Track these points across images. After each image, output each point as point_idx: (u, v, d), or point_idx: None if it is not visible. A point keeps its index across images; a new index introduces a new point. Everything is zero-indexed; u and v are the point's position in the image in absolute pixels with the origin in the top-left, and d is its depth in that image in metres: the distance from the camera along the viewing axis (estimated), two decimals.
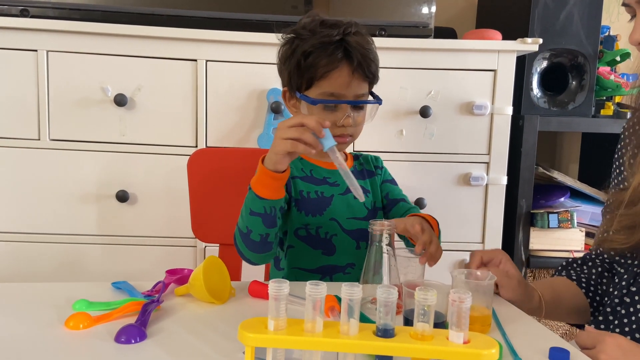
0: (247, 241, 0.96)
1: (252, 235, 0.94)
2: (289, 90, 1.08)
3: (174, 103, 1.55)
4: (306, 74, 1.03)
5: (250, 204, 0.93)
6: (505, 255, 0.97)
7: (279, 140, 0.88)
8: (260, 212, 0.92)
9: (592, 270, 1.06)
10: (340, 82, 1.02)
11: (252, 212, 0.93)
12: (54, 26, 1.47)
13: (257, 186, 0.92)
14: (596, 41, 1.74)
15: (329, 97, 1.03)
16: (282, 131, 0.88)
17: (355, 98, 1.04)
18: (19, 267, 1.55)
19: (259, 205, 0.92)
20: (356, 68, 1.02)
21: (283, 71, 1.08)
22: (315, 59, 1.01)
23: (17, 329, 0.75)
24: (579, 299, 1.03)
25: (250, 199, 0.93)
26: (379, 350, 0.57)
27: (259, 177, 0.92)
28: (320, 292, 0.58)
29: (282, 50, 1.08)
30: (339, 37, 1.01)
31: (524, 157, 1.70)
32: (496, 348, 0.56)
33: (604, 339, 0.77)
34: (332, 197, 1.10)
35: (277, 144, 0.88)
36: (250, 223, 0.94)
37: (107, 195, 1.55)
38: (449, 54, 1.59)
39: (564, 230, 1.75)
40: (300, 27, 1.05)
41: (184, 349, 0.70)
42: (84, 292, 0.87)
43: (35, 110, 1.51)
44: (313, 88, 1.04)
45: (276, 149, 0.88)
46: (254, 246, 0.96)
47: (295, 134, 0.86)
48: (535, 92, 1.76)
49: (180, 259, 1.57)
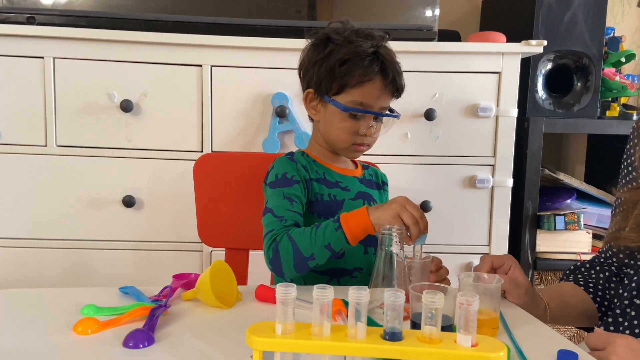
0: (301, 263, 0.96)
1: (311, 262, 0.96)
2: (315, 93, 1.09)
3: (180, 108, 1.55)
4: (339, 80, 1.04)
5: (332, 238, 0.94)
6: (515, 261, 0.97)
7: (395, 213, 0.91)
8: (337, 250, 0.94)
9: (599, 275, 1.05)
10: (372, 94, 1.05)
11: (330, 246, 0.94)
12: (60, 33, 1.48)
13: (350, 229, 0.93)
14: (601, 42, 1.73)
15: (357, 105, 1.05)
16: (402, 208, 0.91)
17: (380, 110, 1.08)
18: (27, 273, 1.56)
19: (340, 245, 0.94)
20: (389, 82, 1.06)
21: (310, 73, 1.09)
22: (351, 67, 1.03)
23: (26, 334, 0.75)
24: (586, 305, 1.02)
25: (336, 236, 0.94)
26: (386, 353, 0.57)
27: (357, 222, 0.93)
28: (328, 296, 0.58)
29: (311, 52, 1.09)
30: (373, 49, 1.04)
31: (529, 159, 1.70)
32: (504, 351, 0.56)
33: (614, 340, 0.77)
34: (343, 201, 1.10)
35: (391, 217, 0.91)
36: (319, 253, 0.95)
37: (114, 200, 1.55)
38: (454, 56, 1.59)
39: (571, 232, 1.74)
40: (333, 31, 1.07)
41: (192, 353, 0.71)
42: (92, 298, 0.88)
43: (42, 117, 1.52)
44: (343, 94, 1.05)
45: (387, 218, 0.91)
46: (303, 269, 0.97)
47: (410, 222, 0.90)
48: (540, 94, 1.76)
49: (187, 264, 1.58)
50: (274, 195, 1.05)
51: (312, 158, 1.13)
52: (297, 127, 1.55)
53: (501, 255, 0.98)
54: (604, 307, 1.02)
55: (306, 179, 1.08)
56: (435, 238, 1.63)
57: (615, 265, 1.06)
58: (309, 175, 1.09)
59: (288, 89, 1.55)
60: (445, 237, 1.63)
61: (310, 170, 1.10)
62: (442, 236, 1.63)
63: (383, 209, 0.93)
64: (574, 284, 1.05)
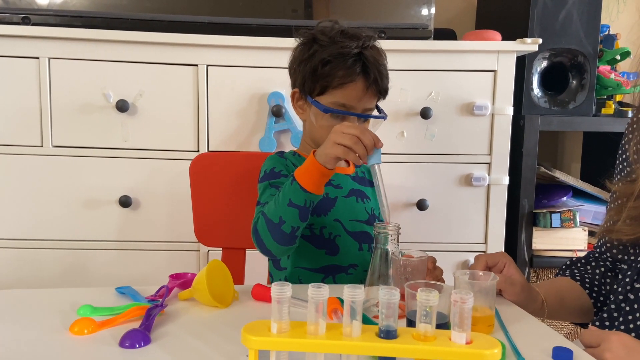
0: (275, 232, 0.95)
1: (284, 226, 0.94)
2: (300, 92, 1.09)
3: (176, 108, 1.55)
4: (321, 81, 1.05)
5: (290, 194, 0.93)
6: (509, 258, 0.97)
7: (332, 143, 0.90)
8: (300, 204, 0.92)
9: (595, 270, 1.06)
10: (353, 95, 1.05)
11: (292, 203, 0.92)
12: (55, 33, 1.48)
13: (303, 178, 0.92)
14: (596, 40, 1.74)
15: (339, 107, 1.05)
16: (337, 135, 0.90)
17: (363, 111, 1.07)
18: (22, 274, 1.55)
19: (301, 198, 0.92)
20: (371, 84, 1.05)
21: (297, 72, 1.09)
22: (333, 68, 1.03)
23: (22, 334, 0.75)
24: (582, 300, 1.03)
25: (292, 190, 0.92)
26: (381, 351, 0.57)
27: (307, 169, 0.92)
28: (323, 295, 0.58)
29: (298, 52, 1.09)
30: (357, 50, 1.04)
31: (525, 157, 1.70)
32: (499, 348, 0.56)
33: (608, 338, 0.77)
34: (336, 198, 1.11)
35: (331, 146, 0.90)
36: (286, 214, 0.93)
37: (110, 200, 1.55)
38: (449, 55, 1.59)
39: (567, 229, 1.75)
40: (319, 31, 1.07)
41: (188, 352, 0.71)
42: (88, 298, 0.88)
43: (38, 117, 1.52)
44: (325, 95, 1.05)
45: (328, 151, 0.90)
46: (282, 238, 0.95)
47: (349, 143, 0.89)
48: (535, 92, 1.76)
49: (184, 263, 1.58)
50: (262, 188, 1.06)
51: (303, 157, 1.14)
52: (293, 126, 1.55)
53: (495, 254, 0.98)
54: (599, 303, 1.03)
55: None
56: (432, 236, 1.64)
57: (610, 261, 1.07)
58: None
59: (284, 88, 1.55)
60: (441, 235, 1.64)
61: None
62: (439, 234, 1.64)
63: (323, 145, 0.92)
64: (570, 279, 1.06)
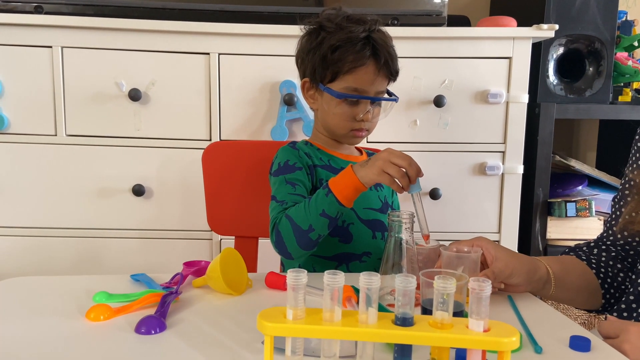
0: (302, 238, 0.95)
1: (312, 234, 0.95)
2: (311, 81, 1.09)
3: (188, 97, 1.55)
4: (332, 67, 1.04)
5: (325, 205, 0.93)
6: (487, 243, 0.91)
7: (380, 170, 0.90)
8: (332, 215, 0.94)
9: (602, 253, 1.02)
10: (365, 79, 1.04)
11: (324, 213, 0.93)
12: (67, 22, 1.48)
13: (341, 192, 0.93)
14: (613, 26, 1.70)
15: (352, 91, 1.04)
16: (386, 164, 0.90)
17: (375, 94, 1.07)
18: (38, 262, 1.57)
19: (334, 209, 0.93)
20: (382, 66, 1.05)
21: (305, 62, 1.09)
22: (343, 53, 1.03)
23: (39, 321, 0.76)
24: (589, 277, 0.99)
25: (327, 201, 0.93)
26: (398, 338, 0.57)
27: (345, 183, 0.93)
28: (338, 282, 0.57)
29: (305, 41, 1.09)
30: (365, 33, 1.04)
31: (540, 145, 1.68)
32: (517, 336, 0.55)
33: (627, 328, 0.76)
34: None
35: (378, 173, 0.90)
36: (317, 222, 0.94)
37: (124, 189, 1.56)
38: (463, 42, 1.57)
39: (582, 219, 1.72)
40: (325, 19, 1.07)
41: (204, 339, 0.71)
42: (104, 285, 0.88)
43: (51, 106, 1.53)
44: (337, 81, 1.05)
45: (373, 177, 0.91)
46: (307, 244, 0.96)
47: (398, 175, 0.89)
48: (551, 79, 1.74)
49: (197, 252, 1.58)
50: (277, 182, 1.06)
51: (316, 147, 1.14)
52: (305, 115, 1.54)
53: (469, 240, 0.92)
54: (606, 284, 0.99)
55: (309, 165, 1.08)
56: (445, 225, 1.62)
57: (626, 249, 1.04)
58: (312, 162, 1.09)
59: (296, 77, 1.52)
60: (455, 225, 1.63)
61: (314, 157, 1.11)
62: (452, 223, 1.63)
63: (368, 166, 0.92)
64: (575, 257, 1.03)
